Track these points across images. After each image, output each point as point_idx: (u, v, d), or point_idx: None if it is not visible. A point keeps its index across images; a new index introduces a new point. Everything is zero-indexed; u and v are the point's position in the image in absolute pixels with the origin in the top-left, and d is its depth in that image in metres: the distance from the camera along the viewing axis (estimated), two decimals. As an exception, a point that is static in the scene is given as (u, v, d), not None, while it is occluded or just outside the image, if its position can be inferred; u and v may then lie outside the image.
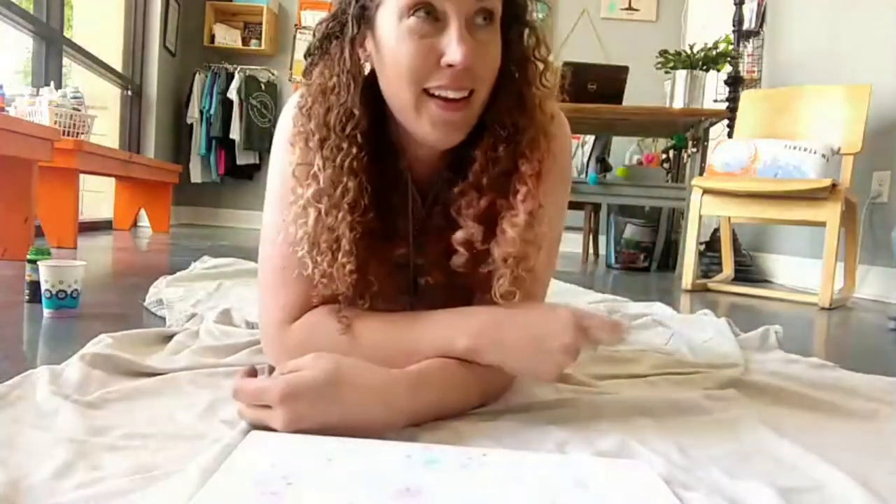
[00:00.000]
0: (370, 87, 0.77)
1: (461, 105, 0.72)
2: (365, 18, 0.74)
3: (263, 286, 0.82)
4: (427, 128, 0.73)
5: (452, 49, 0.68)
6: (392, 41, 0.71)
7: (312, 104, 0.75)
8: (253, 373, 0.69)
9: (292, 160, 0.76)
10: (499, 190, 0.77)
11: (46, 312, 1.25)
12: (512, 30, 0.77)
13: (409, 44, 0.69)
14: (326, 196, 0.73)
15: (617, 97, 3.32)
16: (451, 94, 0.71)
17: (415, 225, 0.84)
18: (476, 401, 0.77)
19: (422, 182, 0.84)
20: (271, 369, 0.77)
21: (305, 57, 0.80)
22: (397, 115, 0.76)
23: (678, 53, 3.32)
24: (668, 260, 3.67)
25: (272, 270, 0.81)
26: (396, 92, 0.73)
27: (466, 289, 0.82)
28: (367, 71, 0.78)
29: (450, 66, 0.69)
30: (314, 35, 0.78)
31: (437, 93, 0.71)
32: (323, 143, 0.74)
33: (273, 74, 5.26)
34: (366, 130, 0.75)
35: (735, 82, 3.40)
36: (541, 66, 0.78)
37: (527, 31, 0.78)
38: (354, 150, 0.74)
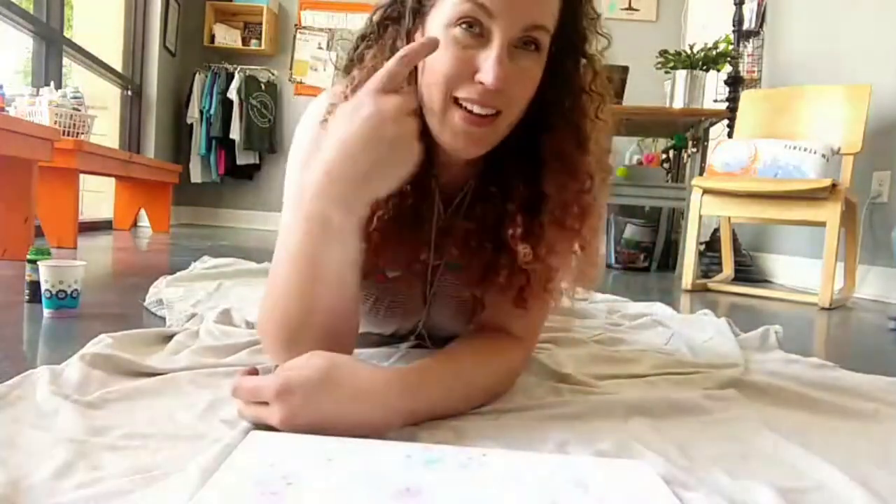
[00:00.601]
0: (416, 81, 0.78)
1: (485, 122, 0.72)
2: (420, 14, 0.75)
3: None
4: (448, 135, 0.74)
5: (487, 69, 0.68)
6: None
7: (360, 86, 0.75)
8: (254, 372, 0.70)
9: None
10: (561, 220, 0.79)
11: (46, 312, 1.25)
12: (568, 59, 0.77)
13: (451, 51, 0.70)
14: None
15: (617, 97, 3.32)
16: (476, 109, 0.71)
17: (437, 231, 0.86)
18: (479, 400, 0.77)
19: (447, 189, 0.85)
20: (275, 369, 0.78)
21: (358, 41, 0.80)
22: (426, 116, 0.76)
23: (678, 53, 3.32)
24: (668, 260, 3.67)
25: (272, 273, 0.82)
26: (428, 92, 0.74)
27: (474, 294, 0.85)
28: None
29: (481, 83, 0.69)
30: (370, 18, 0.79)
31: (464, 104, 0.71)
32: None
33: (273, 74, 5.26)
34: None
35: (735, 82, 3.40)
36: (597, 98, 0.79)
37: (584, 62, 0.78)
38: None
